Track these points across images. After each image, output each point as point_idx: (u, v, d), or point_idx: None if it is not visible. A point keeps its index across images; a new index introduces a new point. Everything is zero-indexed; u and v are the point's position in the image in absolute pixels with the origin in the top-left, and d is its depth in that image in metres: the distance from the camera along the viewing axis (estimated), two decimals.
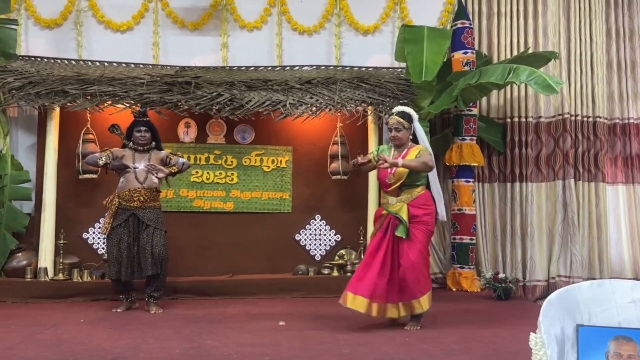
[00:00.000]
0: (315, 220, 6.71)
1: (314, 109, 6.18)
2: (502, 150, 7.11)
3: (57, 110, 6.12)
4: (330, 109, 6.22)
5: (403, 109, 4.60)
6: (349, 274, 6.29)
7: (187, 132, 6.54)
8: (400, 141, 4.57)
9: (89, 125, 6.26)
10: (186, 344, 3.90)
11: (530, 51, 6.93)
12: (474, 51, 6.69)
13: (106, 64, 6.58)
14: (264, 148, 6.66)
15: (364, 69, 6.82)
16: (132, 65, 6.61)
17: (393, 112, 4.62)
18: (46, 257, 5.93)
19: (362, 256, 6.31)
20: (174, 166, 5.25)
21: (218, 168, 6.58)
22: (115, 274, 5.07)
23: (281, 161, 6.67)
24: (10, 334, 4.17)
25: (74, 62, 6.60)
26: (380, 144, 6.44)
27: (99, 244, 6.33)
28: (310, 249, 6.69)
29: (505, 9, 7.23)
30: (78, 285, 5.82)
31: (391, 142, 4.64)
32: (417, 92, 6.40)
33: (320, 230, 6.71)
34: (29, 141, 6.56)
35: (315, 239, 6.70)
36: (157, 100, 5.99)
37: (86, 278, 5.91)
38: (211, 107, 6.04)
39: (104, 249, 5.88)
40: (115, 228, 5.09)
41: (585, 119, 7.20)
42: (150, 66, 6.69)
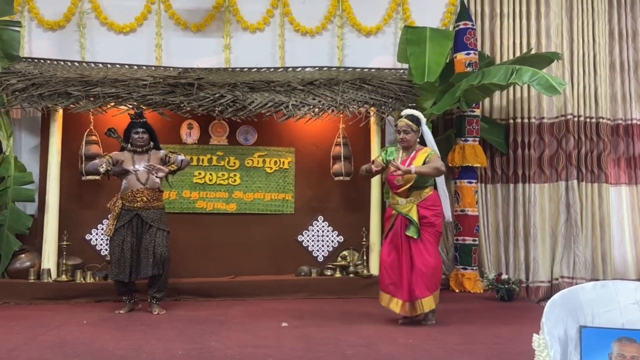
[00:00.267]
0: (318, 221, 6.71)
1: (317, 110, 6.18)
2: (505, 151, 7.10)
3: (60, 111, 6.13)
4: (333, 110, 6.23)
5: (412, 112, 4.76)
6: (351, 275, 6.31)
7: (189, 133, 6.55)
8: (408, 143, 4.69)
9: (92, 127, 6.27)
10: (189, 345, 3.90)
11: (532, 52, 6.91)
12: (476, 52, 6.68)
13: (109, 65, 6.58)
14: (266, 149, 6.66)
15: (366, 70, 6.81)
16: (135, 67, 6.61)
17: (402, 115, 4.76)
18: (49, 259, 5.94)
19: (364, 257, 6.33)
20: (173, 164, 5.26)
21: (221, 169, 6.58)
22: (118, 275, 5.08)
23: (284, 162, 6.68)
24: (13, 335, 4.18)
25: (77, 63, 6.60)
26: (382, 145, 6.45)
27: (102, 245, 6.34)
28: (313, 250, 6.69)
29: (507, 10, 7.22)
30: (81, 287, 5.83)
31: (399, 144, 4.76)
32: (420, 93, 6.40)
33: (322, 231, 6.71)
34: (32, 143, 6.57)
35: (318, 240, 6.70)
36: (159, 101, 6.00)
37: (89, 279, 5.92)
38: (214, 108, 6.04)
39: (107, 250, 5.89)
40: (118, 229, 5.10)
41: (588, 119, 7.18)
42: (153, 68, 6.69)
